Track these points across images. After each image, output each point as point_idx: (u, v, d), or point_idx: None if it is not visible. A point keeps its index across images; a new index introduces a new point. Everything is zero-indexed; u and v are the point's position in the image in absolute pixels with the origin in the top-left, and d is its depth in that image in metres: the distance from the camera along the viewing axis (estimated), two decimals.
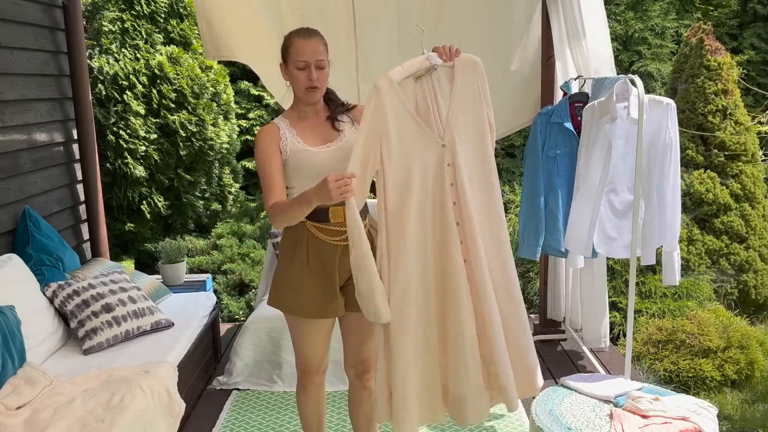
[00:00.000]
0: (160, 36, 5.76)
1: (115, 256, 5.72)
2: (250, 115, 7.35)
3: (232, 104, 6.38)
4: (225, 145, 6.06)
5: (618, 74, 3.46)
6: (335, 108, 2.41)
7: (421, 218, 2.25)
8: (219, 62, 6.08)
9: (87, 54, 4.67)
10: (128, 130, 5.49)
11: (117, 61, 5.55)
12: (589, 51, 3.67)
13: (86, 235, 4.40)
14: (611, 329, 4.38)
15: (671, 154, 3.18)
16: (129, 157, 5.49)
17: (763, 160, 5.17)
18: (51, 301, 3.23)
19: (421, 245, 2.25)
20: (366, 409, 2.63)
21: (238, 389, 3.65)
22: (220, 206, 6.34)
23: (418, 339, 2.29)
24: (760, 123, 5.09)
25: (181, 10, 5.92)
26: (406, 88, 2.21)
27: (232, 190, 6.45)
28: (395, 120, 2.19)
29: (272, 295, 2.47)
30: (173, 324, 3.43)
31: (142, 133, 5.51)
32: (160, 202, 5.72)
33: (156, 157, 5.62)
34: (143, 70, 5.57)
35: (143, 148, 5.52)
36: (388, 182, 2.22)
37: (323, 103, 2.43)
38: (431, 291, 2.29)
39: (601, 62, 3.69)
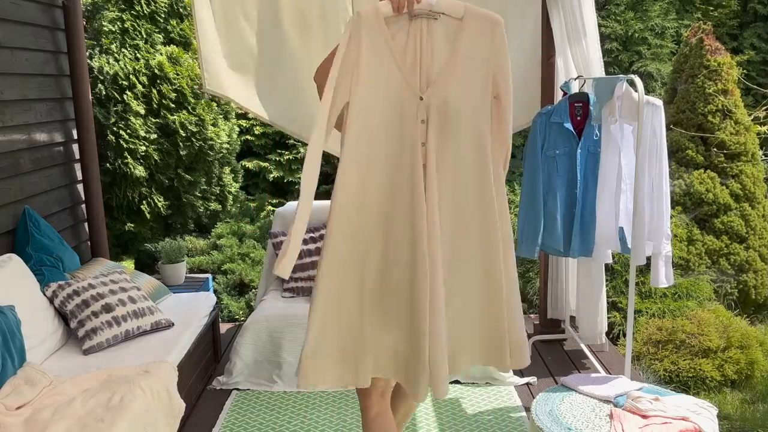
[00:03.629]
0: (160, 36, 5.76)
1: (115, 256, 5.72)
2: (250, 115, 7.34)
3: (232, 104, 6.37)
4: (225, 145, 6.06)
5: (618, 74, 3.47)
6: None
7: (384, 168, 1.98)
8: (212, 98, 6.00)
9: (87, 54, 4.67)
10: (128, 130, 5.49)
11: (117, 61, 5.55)
12: (589, 51, 3.68)
13: (86, 235, 4.41)
14: (611, 329, 4.38)
15: (658, 154, 3.18)
16: (129, 157, 5.49)
17: (763, 160, 5.16)
18: (51, 301, 3.23)
19: (380, 196, 1.98)
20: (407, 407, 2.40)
21: (238, 389, 3.65)
22: (220, 206, 6.34)
23: (349, 296, 2.02)
24: (757, 119, 5.08)
25: (181, 10, 5.91)
26: (397, 25, 1.93)
27: (232, 190, 6.45)
28: (371, 54, 1.92)
29: None
30: (173, 324, 3.43)
31: (142, 133, 5.51)
32: (160, 202, 5.72)
33: (156, 157, 5.62)
34: (143, 70, 5.57)
35: (143, 148, 5.52)
36: (351, 123, 1.96)
37: None
38: (380, 252, 2.01)
39: (594, 64, 3.74)
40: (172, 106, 5.65)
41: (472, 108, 1.98)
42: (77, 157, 4.32)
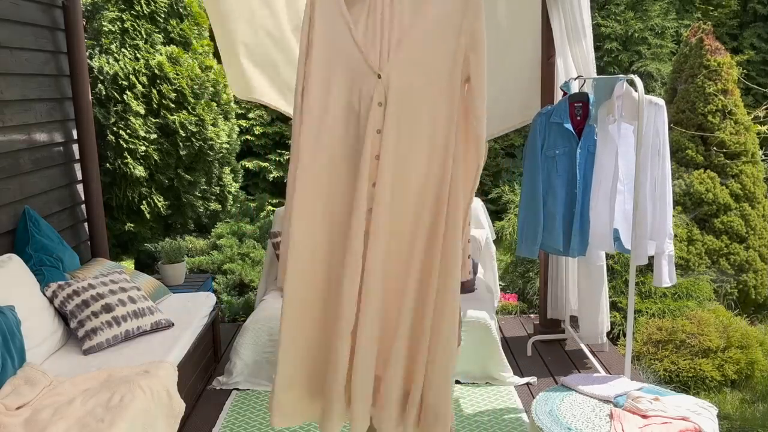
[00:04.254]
0: (160, 36, 5.76)
1: (115, 256, 5.72)
2: (250, 115, 7.35)
3: (232, 104, 6.37)
4: (225, 145, 6.06)
5: (618, 74, 3.47)
6: None
7: (333, 161, 1.76)
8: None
9: (87, 54, 4.67)
10: (128, 130, 5.49)
11: (117, 61, 5.55)
12: (588, 51, 3.69)
13: (86, 235, 4.41)
14: (611, 329, 4.38)
15: (661, 154, 3.18)
16: (129, 157, 5.49)
17: (763, 160, 5.16)
18: (51, 301, 3.23)
19: (328, 195, 1.77)
20: None
21: (238, 389, 3.65)
22: (220, 206, 6.34)
23: (304, 318, 1.85)
24: (756, 119, 5.08)
25: (181, 10, 5.91)
26: None
27: (232, 190, 6.44)
28: (324, 29, 1.71)
29: None
30: (173, 324, 3.43)
31: (142, 133, 5.51)
32: (160, 202, 5.72)
33: (156, 157, 5.62)
34: (143, 70, 5.57)
35: (143, 148, 5.52)
36: (305, 107, 1.74)
37: None
38: (332, 265, 1.81)
39: (591, 64, 3.77)
40: (172, 106, 5.64)
41: (437, 90, 1.69)
42: (77, 157, 4.32)
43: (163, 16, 5.76)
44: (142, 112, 5.53)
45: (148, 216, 5.69)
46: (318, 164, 1.74)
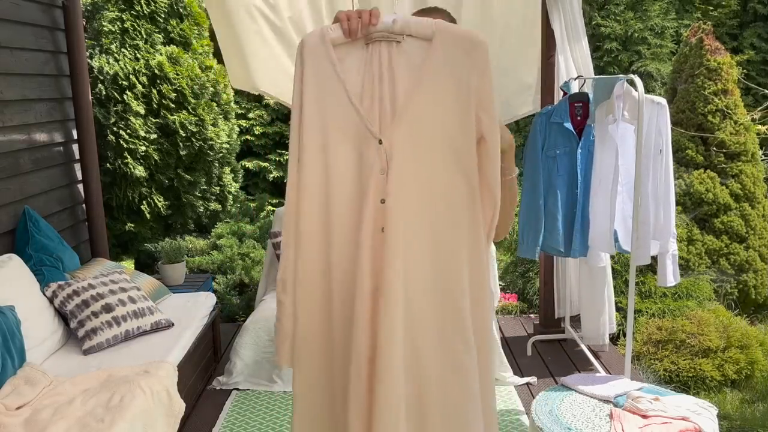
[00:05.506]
0: (160, 36, 5.76)
1: (115, 256, 5.72)
2: (250, 115, 7.35)
3: (232, 104, 6.38)
4: (225, 145, 6.06)
5: (617, 74, 3.47)
6: None
7: (334, 235, 1.59)
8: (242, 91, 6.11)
9: (87, 54, 4.67)
10: (128, 130, 5.49)
11: (117, 61, 5.55)
12: (586, 51, 3.69)
13: (86, 235, 4.41)
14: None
15: (664, 153, 3.18)
16: (129, 157, 5.49)
17: (763, 160, 5.16)
18: (51, 301, 3.23)
19: (326, 273, 1.61)
20: None
21: (238, 389, 3.65)
22: (220, 206, 6.34)
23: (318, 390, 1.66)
24: (753, 120, 5.08)
25: (181, 10, 5.91)
26: (351, 52, 1.55)
27: (232, 190, 6.45)
28: (318, 90, 1.55)
29: None
30: (173, 324, 3.43)
31: (142, 133, 5.51)
32: (160, 202, 5.72)
33: (156, 157, 5.62)
34: (143, 70, 5.57)
35: (143, 148, 5.52)
36: (300, 175, 1.59)
37: None
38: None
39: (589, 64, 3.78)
40: (172, 106, 5.64)
41: (449, 151, 1.54)
42: (77, 157, 4.32)
43: (163, 16, 5.76)
44: (142, 112, 5.53)
45: (148, 216, 5.70)
46: (320, 239, 1.60)
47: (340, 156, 1.56)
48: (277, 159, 7.33)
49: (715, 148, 5.02)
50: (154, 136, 5.60)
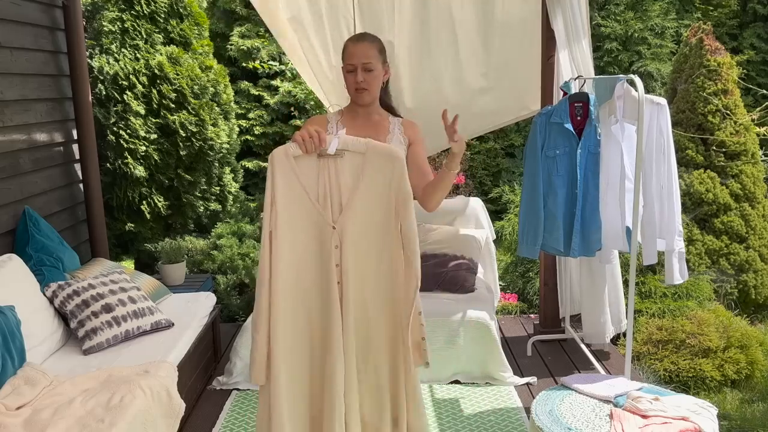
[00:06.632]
0: (160, 36, 5.75)
1: (115, 256, 5.71)
2: (250, 115, 7.34)
3: (232, 104, 6.36)
4: (225, 145, 6.05)
5: (618, 74, 3.48)
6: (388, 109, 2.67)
7: (303, 292, 2.21)
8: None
9: (87, 54, 4.67)
10: (128, 130, 5.48)
11: (117, 61, 5.54)
12: (587, 51, 3.69)
13: (86, 235, 4.40)
14: None
15: (666, 153, 3.18)
16: (129, 157, 5.49)
17: (762, 160, 5.16)
18: (51, 301, 3.23)
19: (302, 314, 2.22)
20: None
21: (238, 389, 3.65)
22: (220, 206, 6.33)
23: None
24: (753, 121, 5.08)
25: (181, 10, 5.90)
26: (308, 163, 2.16)
27: (232, 190, 6.44)
28: (286, 191, 2.15)
29: None
30: (173, 324, 3.43)
31: (142, 133, 5.51)
32: (160, 202, 5.71)
33: (156, 157, 5.61)
34: (143, 70, 5.56)
35: (143, 148, 5.52)
36: (274, 250, 2.17)
37: (378, 107, 2.64)
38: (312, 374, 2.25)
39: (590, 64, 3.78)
40: (172, 106, 5.64)
41: (380, 231, 2.19)
42: (77, 157, 4.32)
43: (163, 16, 5.75)
44: (142, 112, 5.52)
45: (148, 216, 5.69)
46: (290, 296, 2.19)
47: (305, 237, 2.17)
48: None
49: (715, 148, 5.02)
50: (154, 136, 5.60)
